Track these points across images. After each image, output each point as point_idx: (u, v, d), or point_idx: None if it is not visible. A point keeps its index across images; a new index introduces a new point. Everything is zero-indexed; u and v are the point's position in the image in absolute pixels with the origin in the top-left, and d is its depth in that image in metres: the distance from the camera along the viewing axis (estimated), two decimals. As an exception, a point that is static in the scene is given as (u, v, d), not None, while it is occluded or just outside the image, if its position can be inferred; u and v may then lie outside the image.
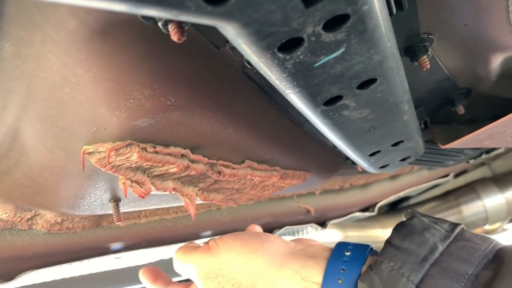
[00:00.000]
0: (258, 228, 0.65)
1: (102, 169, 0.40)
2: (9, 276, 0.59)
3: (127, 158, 0.39)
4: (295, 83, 0.32)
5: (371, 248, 0.55)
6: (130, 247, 0.68)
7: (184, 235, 0.72)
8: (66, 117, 0.36)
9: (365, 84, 0.35)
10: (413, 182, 1.10)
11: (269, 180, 0.57)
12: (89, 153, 0.39)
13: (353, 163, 0.68)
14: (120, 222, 0.50)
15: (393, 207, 1.30)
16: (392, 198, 1.11)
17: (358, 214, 1.03)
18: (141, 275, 0.64)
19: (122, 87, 0.32)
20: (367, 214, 1.06)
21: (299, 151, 0.58)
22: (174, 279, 0.64)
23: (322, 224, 0.98)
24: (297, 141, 0.56)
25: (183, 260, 0.56)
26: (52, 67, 0.31)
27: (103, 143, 0.37)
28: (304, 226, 0.92)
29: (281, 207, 0.82)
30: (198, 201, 0.57)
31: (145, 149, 0.39)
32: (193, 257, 0.56)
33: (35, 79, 0.33)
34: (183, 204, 0.66)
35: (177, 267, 0.58)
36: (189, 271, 0.56)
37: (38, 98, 0.34)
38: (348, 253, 0.52)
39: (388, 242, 0.49)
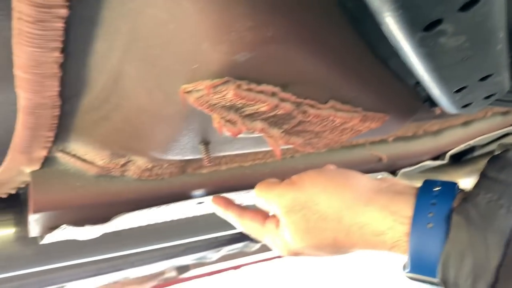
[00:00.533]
0: (333, 167, 0.66)
1: (199, 108, 0.42)
2: (105, 219, 0.64)
3: (223, 96, 0.40)
4: (398, 3, 0.31)
5: (458, 186, 0.54)
6: (211, 193, 0.71)
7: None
8: (168, 56, 0.37)
9: (468, 5, 0.34)
10: (486, 129, 1.06)
11: (350, 122, 0.57)
12: (188, 92, 0.40)
13: (431, 105, 0.66)
14: (209, 164, 0.52)
15: (459, 159, 1.26)
16: (463, 146, 1.07)
17: (429, 162, 1.01)
18: (213, 202, 0.65)
19: (226, 19, 0.33)
20: (438, 162, 1.03)
21: (381, 92, 0.57)
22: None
23: (393, 172, 0.97)
24: (380, 81, 0.55)
25: (266, 194, 0.57)
26: (159, 2, 0.32)
27: (202, 81, 0.39)
28: (375, 174, 0.92)
29: (353, 155, 0.82)
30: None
31: (240, 86, 0.40)
32: (278, 190, 0.57)
33: (141, 16, 0.34)
34: (263, 149, 0.67)
35: (258, 201, 0.59)
36: (272, 204, 0.57)
37: (142, 37, 0.36)
38: (437, 189, 0.51)
39: (483, 174, 0.48)
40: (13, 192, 0.62)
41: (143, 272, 1.33)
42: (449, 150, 1.03)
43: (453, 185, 0.52)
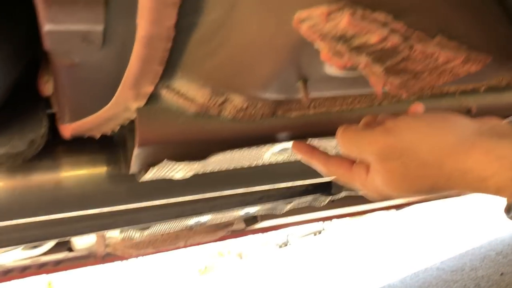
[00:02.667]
0: (421, 108, 0.64)
1: (310, 37, 0.42)
2: (203, 157, 0.67)
3: (336, 24, 0.40)
4: None
5: None
6: (297, 138, 0.72)
7: (346, 129, 0.74)
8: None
9: None
10: None
11: (452, 62, 0.55)
12: (302, 20, 0.40)
13: (537, 49, 0.62)
14: (308, 101, 0.53)
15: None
16: (558, 102, 1.00)
17: (519, 117, 0.96)
18: (294, 149, 0.66)
19: None
20: (529, 118, 0.97)
21: (489, 31, 0.54)
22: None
23: (480, 126, 0.92)
24: (490, 18, 0.52)
25: (359, 143, 0.57)
26: None
27: (317, 7, 0.39)
28: (461, 127, 0.88)
29: (441, 104, 0.79)
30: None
31: (354, 13, 0.40)
32: (371, 138, 0.56)
33: None
34: (355, 92, 0.67)
35: (348, 149, 0.59)
36: (364, 152, 0.56)
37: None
38: None
39: None
40: (116, 128, 0.67)
41: (218, 219, 1.39)
42: (543, 105, 0.97)
43: None
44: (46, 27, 0.41)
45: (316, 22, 0.40)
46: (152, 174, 0.69)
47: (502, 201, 0.51)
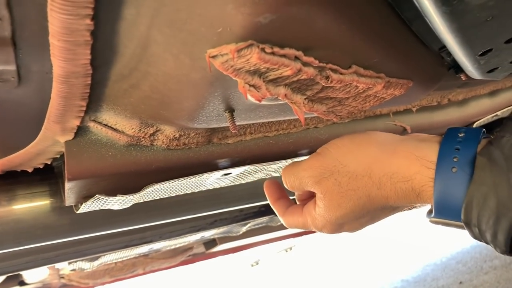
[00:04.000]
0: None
1: (224, 73, 0.43)
2: (137, 189, 0.66)
3: (247, 60, 0.42)
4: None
5: (484, 131, 0.54)
6: (237, 163, 0.73)
7: (284, 152, 0.75)
8: (194, 19, 0.38)
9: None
10: (514, 99, 1.03)
11: (373, 88, 0.57)
12: (213, 57, 0.41)
13: (456, 71, 0.65)
14: (235, 131, 0.54)
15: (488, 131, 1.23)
16: (490, 117, 1.05)
17: (454, 134, 1.00)
18: (265, 188, 0.67)
19: (249, -20, 0.34)
20: (464, 134, 1.02)
21: (404, 57, 0.57)
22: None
23: (417, 144, 0.96)
24: (403, 45, 0.55)
25: (295, 171, 0.59)
26: (184, -35, 0.33)
27: (226, 45, 0.40)
28: (399, 146, 0.92)
29: (377, 126, 0.82)
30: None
31: (263, 49, 0.41)
32: (305, 164, 0.59)
33: (168, -20, 0.35)
34: (287, 118, 0.68)
35: (289, 182, 0.60)
36: (302, 180, 0.58)
37: (169, 1, 0.37)
38: (462, 135, 0.51)
39: (508, 118, 0.48)
40: (48, 162, 0.66)
41: (173, 244, 1.37)
42: (475, 121, 1.02)
43: (478, 131, 0.52)
44: (-46, 68, 0.40)
45: (227, 58, 0.41)
46: (87, 207, 0.68)
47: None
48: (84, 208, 0.68)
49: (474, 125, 1.02)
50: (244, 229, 1.42)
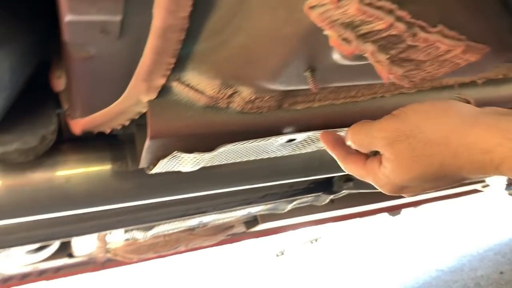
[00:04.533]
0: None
1: (319, 24, 0.44)
2: (211, 148, 0.69)
3: (345, 11, 0.42)
4: None
5: None
6: (303, 130, 0.74)
7: (350, 121, 0.76)
8: (300, -32, 0.39)
9: None
10: None
11: (452, 52, 0.57)
12: (312, 7, 0.42)
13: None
14: (316, 89, 0.55)
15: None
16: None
17: (516, 110, 0.98)
18: (321, 138, 0.68)
19: None
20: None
21: (487, 21, 0.56)
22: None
23: (478, 120, 0.95)
24: (489, 8, 0.54)
25: (367, 131, 0.59)
26: None
27: (328, -5, 0.41)
28: (460, 120, 0.91)
29: (441, 97, 0.82)
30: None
31: (362, 0, 0.42)
32: (379, 125, 0.59)
33: None
34: (361, 83, 0.69)
35: (358, 140, 0.61)
36: (374, 140, 0.58)
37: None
38: None
39: None
40: (126, 124, 0.68)
41: (221, 218, 1.40)
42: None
43: None
44: (67, 17, 0.42)
45: (326, 9, 0.42)
46: (161, 166, 0.70)
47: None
48: (158, 167, 0.71)
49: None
50: (289, 206, 1.43)
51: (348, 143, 0.63)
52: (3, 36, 0.48)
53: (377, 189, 0.63)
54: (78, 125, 0.68)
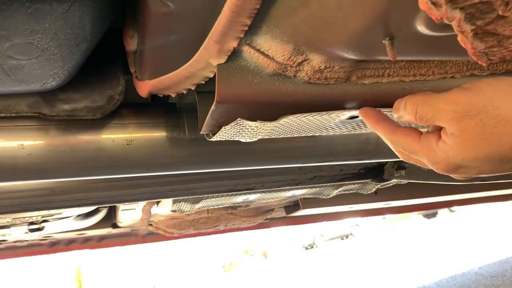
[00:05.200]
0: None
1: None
2: (273, 118, 0.68)
3: (440, -29, 0.40)
4: None
5: None
6: (369, 106, 0.72)
7: (416, 101, 0.74)
8: None
9: None
10: None
11: (542, 27, 0.54)
12: (405, -34, 0.41)
13: None
14: (395, 58, 0.53)
15: None
16: None
17: None
18: (361, 114, 0.65)
19: None
20: None
21: None
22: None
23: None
24: None
25: (433, 102, 0.55)
26: None
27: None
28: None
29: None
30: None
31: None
32: (448, 98, 0.55)
33: None
34: (437, 58, 0.66)
35: (420, 112, 0.56)
36: (440, 112, 0.55)
37: None
38: None
39: None
40: (192, 88, 0.69)
41: (266, 198, 1.40)
42: None
43: None
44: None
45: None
46: (222, 134, 0.71)
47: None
48: (219, 135, 0.71)
49: None
50: (335, 192, 1.42)
51: (401, 114, 0.59)
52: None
53: (426, 182, 0.61)
54: (145, 87, 0.69)
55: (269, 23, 0.55)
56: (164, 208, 1.40)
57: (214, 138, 0.72)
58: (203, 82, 0.67)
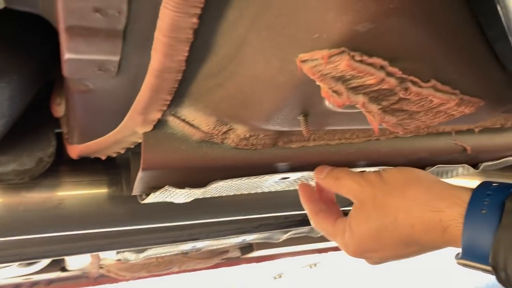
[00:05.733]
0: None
1: (311, 77, 0.45)
2: (202, 184, 0.69)
3: (336, 66, 0.43)
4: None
5: None
6: (296, 169, 0.75)
7: (344, 162, 0.76)
8: (293, 24, 0.41)
9: None
10: None
11: (446, 104, 0.58)
12: (304, 61, 0.43)
13: (528, 95, 0.65)
14: (308, 134, 0.55)
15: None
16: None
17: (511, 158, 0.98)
18: (299, 188, 0.73)
19: (356, -11, 0.36)
20: (522, 160, 1.00)
21: (481, 75, 0.57)
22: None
23: (474, 166, 0.95)
24: (482, 64, 0.55)
25: (346, 183, 0.64)
26: (296, -27, 0.36)
27: (319, 50, 0.42)
28: (456, 166, 0.91)
29: (438, 143, 0.82)
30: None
31: (353, 57, 0.43)
32: (360, 178, 0.64)
33: (276, -14, 0.38)
34: (352, 128, 0.70)
35: (327, 183, 0.66)
36: (348, 193, 0.64)
37: (273, 6, 0.40)
38: (495, 185, 0.54)
39: None
40: (122, 152, 0.69)
41: (214, 245, 1.40)
42: (536, 148, 1.00)
43: (511, 184, 0.54)
44: (67, 55, 0.44)
45: (317, 63, 0.43)
46: (153, 198, 0.71)
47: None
48: (150, 198, 0.71)
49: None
50: (284, 236, 1.43)
51: (320, 180, 0.68)
52: (1, 69, 0.49)
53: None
54: (75, 150, 0.69)
55: (190, 99, 0.57)
56: (111, 253, 1.38)
57: (146, 201, 0.73)
58: (132, 146, 0.67)
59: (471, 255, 0.50)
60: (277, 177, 0.75)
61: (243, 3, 0.41)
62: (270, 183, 0.78)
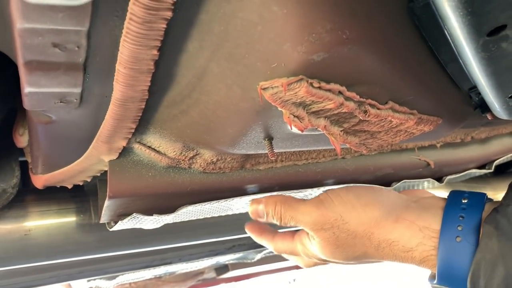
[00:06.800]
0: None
1: (272, 104, 0.46)
2: (171, 210, 0.69)
3: (296, 93, 0.45)
4: (468, 9, 0.35)
5: (487, 196, 0.55)
6: (265, 189, 0.75)
7: (312, 181, 0.78)
8: (252, 54, 0.42)
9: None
10: (535, 140, 1.05)
11: (405, 124, 0.60)
12: (264, 89, 0.44)
13: (482, 111, 0.68)
14: (273, 157, 0.56)
15: (505, 170, 1.25)
16: (510, 156, 1.07)
17: (475, 171, 1.02)
18: (247, 230, 0.73)
19: (309, 22, 0.37)
20: (484, 171, 1.04)
21: (437, 96, 0.60)
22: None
23: (439, 179, 0.98)
24: (437, 85, 0.58)
25: (293, 213, 0.62)
26: (251, 7, 0.37)
27: (278, 78, 0.43)
28: (421, 180, 0.94)
29: (402, 159, 0.85)
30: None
31: (311, 84, 0.44)
32: (305, 209, 0.61)
33: (233, 19, 0.39)
34: (317, 148, 0.71)
35: (284, 220, 0.64)
36: (299, 223, 0.61)
37: (231, 37, 0.41)
38: (465, 201, 0.53)
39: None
40: (88, 180, 0.68)
41: (188, 268, 1.38)
42: (496, 160, 1.04)
43: (481, 196, 0.54)
44: (27, 89, 0.44)
45: (277, 90, 0.44)
46: (122, 225, 0.70)
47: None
48: (119, 226, 0.70)
49: (495, 164, 1.03)
50: (259, 256, 1.42)
51: (263, 218, 0.66)
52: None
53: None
54: (39, 180, 0.68)
55: (155, 126, 0.57)
56: (82, 282, 1.34)
57: (114, 229, 0.72)
58: (98, 175, 0.67)
59: (448, 281, 0.50)
60: (247, 198, 0.75)
61: (203, 36, 0.42)
62: (240, 205, 0.79)
